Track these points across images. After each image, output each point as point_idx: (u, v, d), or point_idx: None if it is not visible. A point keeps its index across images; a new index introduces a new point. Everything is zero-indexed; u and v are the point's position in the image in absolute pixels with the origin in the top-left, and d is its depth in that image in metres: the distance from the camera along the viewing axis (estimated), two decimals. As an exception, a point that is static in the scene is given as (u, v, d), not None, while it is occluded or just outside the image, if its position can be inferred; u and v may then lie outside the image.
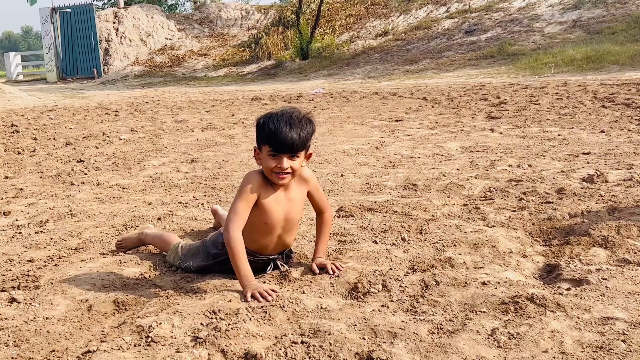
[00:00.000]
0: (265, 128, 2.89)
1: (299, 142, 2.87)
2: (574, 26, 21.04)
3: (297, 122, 2.88)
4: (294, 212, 3.08)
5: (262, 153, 2.94)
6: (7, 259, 3.55)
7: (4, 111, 13.90)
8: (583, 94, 10.78)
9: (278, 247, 3.13)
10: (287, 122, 2.86)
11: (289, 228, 3.09)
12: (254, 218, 2.97)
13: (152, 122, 10.42)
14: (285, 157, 2.88)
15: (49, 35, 31.42)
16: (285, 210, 3.02)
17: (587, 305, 2.50)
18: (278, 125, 2.85)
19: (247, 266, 2.88)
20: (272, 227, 3.02)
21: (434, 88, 14.34)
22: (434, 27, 25.27)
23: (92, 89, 24.27)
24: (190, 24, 34.28)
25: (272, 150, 2.88)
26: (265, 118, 2.93)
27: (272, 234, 3.04)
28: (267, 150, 2.90)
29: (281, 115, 2.89)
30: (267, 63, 27.02)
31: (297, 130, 2.86)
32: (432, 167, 5.58)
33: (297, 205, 3.09)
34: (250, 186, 2.94)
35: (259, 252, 3.09)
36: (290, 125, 2.85)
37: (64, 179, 5.89)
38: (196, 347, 2.30)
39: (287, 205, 3.03)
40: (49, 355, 2.36)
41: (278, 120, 2.87)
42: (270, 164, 2.90)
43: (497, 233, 3.46)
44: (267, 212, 2.98)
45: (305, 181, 3.11)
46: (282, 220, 3.03)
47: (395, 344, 2.26)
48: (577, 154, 5.79)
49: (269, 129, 2.86)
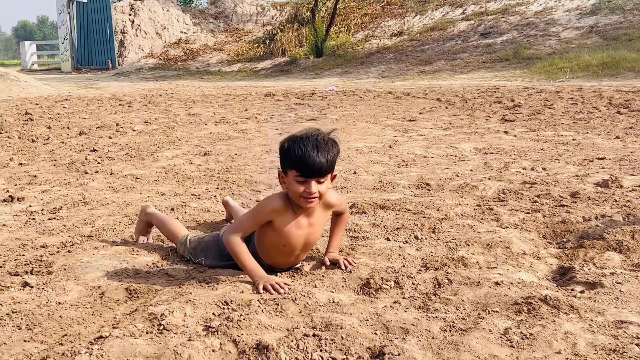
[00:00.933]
0: (291, 152, 2.79)
1: (327, 165, 2.78)
2: (590, 32, 20.96)
3: (323, 145, 2.78)
4: (314, 236, 3.04)
5: (288, 177, 2.84)
6: (21, 244, 3.56)
7: (19, 99, 13.97)
8: (598, 100, 10.73)
9: (292, 263, 3.12)
10: (313, 145, 2.76)
11: (306, 249, 3.07)
12: (273, 240, 2.95)
13: (165, 115, 10.44)
14: (314, 181, 2.80)
15: (64, 25, 31.53)
16: (305, 235, 2.98)
17: (600, 308, 2.48)
18: (305, 150, 2.75)
19: (253, 262, 2.89)
20: (291, 250, 2.99)
21: (448, 89, 14.31)
22: (450, 28, 25.22)
23: (106, 80, 24.35)
24: (206, 18, 34.35)
25: (300, 175, 2.78)
26: (290, 142, 2.82)
27: (289, 255, 3.02)
28: (294, 175, 2.80)
29: (307, 139, 2.79)
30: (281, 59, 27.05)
31: (325, 154, 2.77)
32: (446, 167, 5.57)
33: (318, 229, 3.05)
34: (266, 208, 2.89)
35: (273, 266, 3.07)
36: (318, 149, 2.76)
37: (78, 167, 5.91)
38: (208, 337, 2.30)
39: (308, 230, 2.97)
40: (61, 339, 2.37)
41: (304, 144, 2.77)
42: (298, 188, 2.81)
43: (510, 234, 3.45)
44: (286, 237, 2.93)
45: (330, 206, 3.06)
46: (302, 244, 2.99)
47: (407, 340, 2.26)
48: (591, 158, 5.77)
49: (296, 154, 2.76)
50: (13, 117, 10.11)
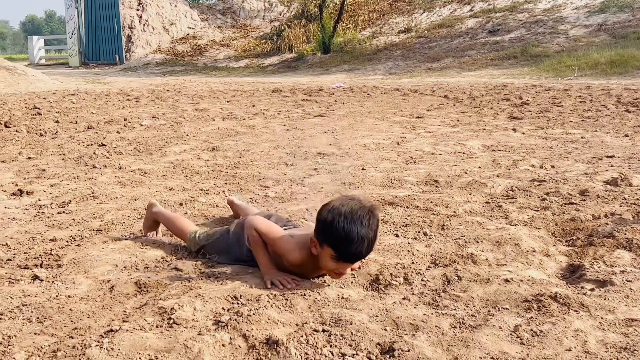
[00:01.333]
0: (333, 231, 2.59)
1: (367, 253, 2.66)
2: (599, 30, 20.87)
3: (366, 226, 2.58)
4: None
5: (324, 251, 2.66)
6: (30, 238, 3.58)
7: (27, 93, 14.00)
8: (607, 98, 10.69)
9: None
10: (358, 229, 2.56)
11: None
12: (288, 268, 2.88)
13: (173, 110, 10.45)
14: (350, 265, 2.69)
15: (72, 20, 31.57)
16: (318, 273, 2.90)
17: (611, 306, 2.48)
18: (348, 232, 2.55)
19: (268, 256, 2.89)
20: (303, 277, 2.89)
21: (456, 86, 14.28)
22: (458, 25, 25.16)
23: (113, 75, 24.38)
24: (213, 14, 34.35)
25: (337, 257, 2.63)
26: (333, 216, 2.61)
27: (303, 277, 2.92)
28: (330, 253, 2.63)
29: (351, 219, 2.57)
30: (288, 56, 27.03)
31: (368, 238, 2.59)
32: (454, 164, 5.56)
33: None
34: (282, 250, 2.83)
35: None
36: (361, 233, 2.56)
37: (86, 161, 5.92)
38: (218, 331, 2.30)
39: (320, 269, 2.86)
40: (71, 332, 2.37)
41: (348, 224, 2.56)
42: (331, 266, 2.68)
43: (519, 231, 3.44)
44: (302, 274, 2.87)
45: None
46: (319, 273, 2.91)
47: (417, 336, 2.26)
48: (600, 156, 5.75)
49: (338, 235, 2.57)
50: (21, 111, 10.14)
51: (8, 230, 3.75)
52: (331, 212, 2.62)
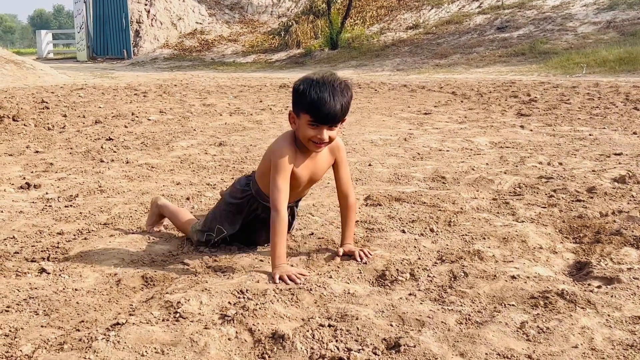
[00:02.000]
0: (306, 96, 2.77)
1: (341, 113, 2.79)
2: (607, 27, 20.79)
3: (339, 91, 2.76)
4: (318, 175, 3.11)
5: (301, 120, 2.84)
6: (37, 231, 3.59)
7: (35, 87, 14.04)
8: (615, 96, 10.65)
9: (295, 198, 3.19)
10: (330, 92, 2.74)
11: (310, 185, 3.15)
12: None
13: (180, 105, 10.47)
14: (326, 127, 2.81)
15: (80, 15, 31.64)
16: (310, 173, 3.04)
17: (618, 303, 2.47)
18: (321, 95, 2.73)
19: (284, 247, 2.87)
20: (296, 187, 3.04)
21: (464, 83, 14.25)
22: (466, 22, 25.10)
23: (121, 70, 24.42)
24: (221, 9, 34.35)
25: (313, 121, 2.80)
26: (306, 84, 2.80)
27: (294, 191, 3.06)
28: (306, 120, 2.81)
29: (323, 84, 2.76)
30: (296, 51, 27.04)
31: (340, 100, 2.75)
32: (461, 161, 5.55)
33: (322, 169, 3.10)
34: (286, 158, 2.90)
35: None
36: (333, 96, 2.74)
37: (94, 155, 5.94)
38: (224, 325, 2.30)
39: (313, 169, 3.04)
40: (78, 325, 2.38)
41: (320, 89, 2.74)
42: (309, 133, 2.83)
43: (526, 228, 3.43)
44: (293, 176, 2.98)
45: (335, 148, 3.08)
46: (306, 181, 3.07)
47: (423, 332, 2.25)
48: (608, 154, 5.73)
49: (311, 98, 2.75)
50: (29, 105, 10.16)
51: (15, 223, 3.76)
52: (304, 81, 2.82)
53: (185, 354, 2.12)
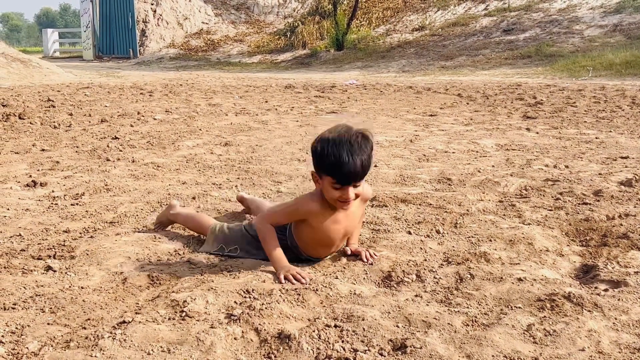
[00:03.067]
0: (325, 158, 2.68)
1: (362, 171, 2.69)
2: (614, 30, 20.76)
3: (357, 148, 2.65)
4: (353, 226, 3.04)
5: (324, 182, 2.76)
6: (44, 229, 3.59)
7: (41, 86, 14.07)
8: (621, 99, 10.63)
9: (332, 252, 3.12)
10: (348, 150, 2.64)
11: (345, 237, 3.08)
12: (312, 235, 2.94)
13: (186, 104, 10.48)
14: (351, 187, 2.73)
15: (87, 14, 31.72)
16: (344, 227, 2.97)
17: (625, 307, 2.46)
18: (339, 155, 2.63)
19: (279, 251, 2.88)
20: (330, 243, 2.99)
21: (469, 85, 14.24)
22: (472, 24, 25.08)
23: (127, 69, 24.46)
24: (227, 9, 34.40)
25: (336, 182, 2.71)
26: (322, 144, 2.70)
27: (329, 247, 3.03)
28: (330, 181, 2.72)
29: (339, 142, 2.65)
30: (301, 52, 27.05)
31: (360, 157, 2.65)
32: (467, 163, 5.54)
33: (356, 219, 3.04)
34: (301, 210, 2.87)
35: (313, 257, 3.07)
36: (352, 154, 2.63)
37: (100, 154, 5.94)
38: (230, 324, 2.30)
39: (346, 222, 2.96)
40: (84, 323, 2.38)
41: (338, 149, 2.64)
42: (334, 194, 2.75)
43: (533, 231, 3.42)
44: (325, 232, 2.92)
45: (365, 199, 3.07)
46: (341, 235, 2.99)
47: (429, 334, 2.25)
48: (615, 157, 5.71)
49: (330, 161, 2.66)
50: (35, 103, 10.18)
51: (22, 221, 3.77)
52: (320, 141, 2.73)
53: (191, 353, 2.12)
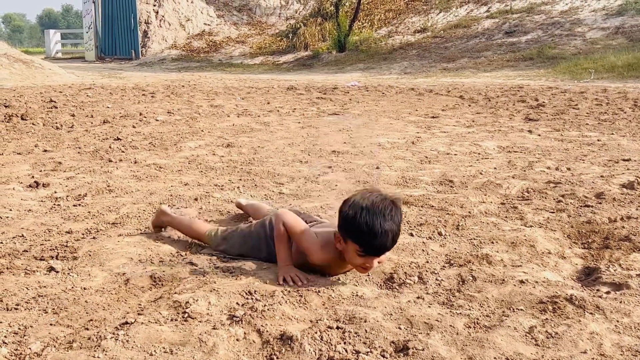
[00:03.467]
0: (355, 226, 2.57)
1: (392, 244, 2.63)
2: (616, 33, 20.75)
3: (390, 219, 2.56)
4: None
5: (348, 246, 2.64)
6: (46, 229, 3.60)
7: (43, 87, 14.08)
8: (623, 101, 10.63)
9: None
10: (381, 222, 2.53)
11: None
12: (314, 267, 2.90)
13: (188, 106, 10.48)
14: (376, 258, 2.66)
15: (89, 15, 31.74)
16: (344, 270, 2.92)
17: (627, 309, 2.46)
18: (371, 225, 2.53)
19: (288, 250, 2.89)
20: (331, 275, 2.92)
21: (471, 87, 14.24)
22: (474, 26, 25.09)
23: (129, 70, 24.47)
24: (230, 10, 34.41)
25: (363, 251, 2.61)
26: (354, 211, 2.59)
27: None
28: (355, 248, 2.61)
29: (373, 213, 2.54)
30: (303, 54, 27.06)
31: (391, 229, 2.56)
32: (469, 165, 5.54)
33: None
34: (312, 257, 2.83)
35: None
36: (384, 226, 2.53)
37: (102, 155, 5.95)
38: (232, 326, 2.31)
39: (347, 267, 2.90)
40: (86, 324, 2.38)
41: (371, 218, 2.54)
42: (357, 261, 2.67)
43: (535, 233, 3.42)
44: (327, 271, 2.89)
45: None
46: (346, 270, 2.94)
47: (431, 336, 2.25)
48: (617, 160, 5.71)
49: (361, 230, 2.55)
50: (37, 104, 10.19)
51: (24, 221, 3.77)
52: (352, 206, 2.60)
53: (193, 354, 2.12)
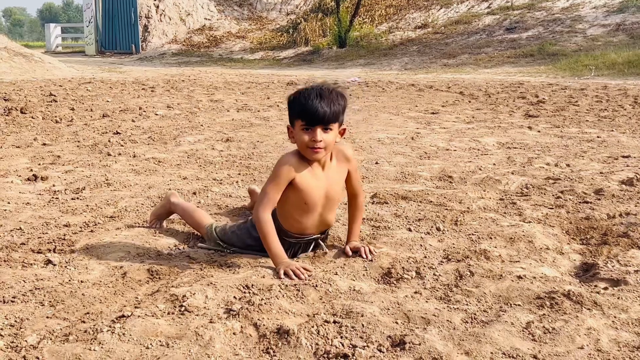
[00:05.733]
0: (296, 103, 2.89)
1: (330, 113, 2.83)
2: (617, 29, 20.73)
3: (327, 94, 2.85)
4: (334, 191, 3.03)
5: (296, 129, 2.90)
6: (44, 222, 3.59)
7: (43, 80, 14.06)
8: (623, 98, 10.61)
9: (320, 226, 3.10)
10: (317, 94, 2.84)
11: (330, 207, 3.05)
12: (294, 199, 2.95)
13: (188, 100, 10.47)
14: (319, 129, 2.84)
15: (90, 9, 31.69)
16: (325, 188, 2.98)
17: (624, 305, 2.46)
18: (309, 98, 2.83)
19: (278, 245, 2.88)
20: (313, 206, 2.98)
21: (472, 83, 14.22)
22: (475, 22, 25.05)
23: (129, 64, 24.45)
24: (230, 5, 34.34)
25: (305, 124, 2.85)
26: (296, 93, 2.93)
27: (313, 213, 3.01)
28: (300, 125, 2.87)
29: (311, 89, 2.88)
30: (304, 49, 27.01)
31: (328, 102, 2.83)
32: (468, 161, 5.54)
33: (338, 184, 3.05)
34: (283, 168, 2.90)
35: (301, 233, 3.06)
36: (321, 97, 2.83)
37: (101, 149, 5.95)
38: (229, 319, 2.30)
39: (326, 183, 2.98)
40: (83, 317, 2.38)
41: (309, 94, 2.85)
42: (303, 138, 2.86)
43: (533, 229, 3.42)
44: (305, 191, 2.93)
45: (346, 160, 3.07)
46: (323, 198, 2.99)
47: (428, 330, 2.25)
48: (616, 156, 5.70)
49: (300, 103, 2.86)
50: (37, 98, 10.18)
51: (22, 214, 3.77)
52: (295, 92, 2.95)
53: (190, 348, 2.12)
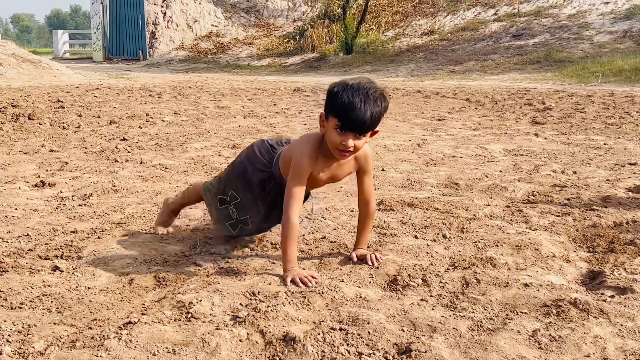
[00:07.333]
0: (338, 99, 2.68)
1: (370, 122, 2.68)
2: (624, 36, 20.70)
3: (372, 99, 2.66)
4: (337, 178, 3.06)
5: (329, 123, 2.76)
6: (51, 229, 3.61)
7: (50, 87, 14.12)
8: (630, 105, 10.59)
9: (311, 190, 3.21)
10: (362, 98, 2.64)
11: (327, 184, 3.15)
12: None
13: (194, 107, 10.49)
14: (352, 135, 2.72)
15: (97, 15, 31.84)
16: (330, 176, 3.00)
17: (631, 313, 2.45)
18: (352, 100, 2.64)
19: (294, 252, 2.87)
20: (311, 186, 3.06)
21: (478, 90, 14.22)
22: (481, 29, 25.06)
23: (136, 71, 24.52)
24: (237, 12, 34.43)
25: (340, 126, 2.70)
26: (340, 87, 2.70)
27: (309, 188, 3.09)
28: (334, 123, 2.72)
29: (357, 89, 2.66)
30: (310, 55, 27.06)
31: (371, 108, 2.65)
32: (475, 168, 5.53)
33: (343, 174, 3.05)
34: (303, 162, 2.85)
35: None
36: (365, 102, 2.64)
37: (108, 155, 5.97)
38: (235, 326, 2.31)
39: (333, 172, 2.99)
40: (90, 323, 2.39)
41: (353, 94, 2.64)
42: (335, 138, 2.73)
43: (540, 236, 3.42)
44: (311, 182, 2.97)
45: (362, 157, 3.00)
46: (324, 183, 3.07)
47: (434, 338, 2.25)
48: (623, 163, 5.69)
49: (342, 102, 2.66)
50: (45, 104, 10.22)
51: (30, 221, 3.79)
52: (340, 84, 2.73)
53: (196, 354, 2.13)
